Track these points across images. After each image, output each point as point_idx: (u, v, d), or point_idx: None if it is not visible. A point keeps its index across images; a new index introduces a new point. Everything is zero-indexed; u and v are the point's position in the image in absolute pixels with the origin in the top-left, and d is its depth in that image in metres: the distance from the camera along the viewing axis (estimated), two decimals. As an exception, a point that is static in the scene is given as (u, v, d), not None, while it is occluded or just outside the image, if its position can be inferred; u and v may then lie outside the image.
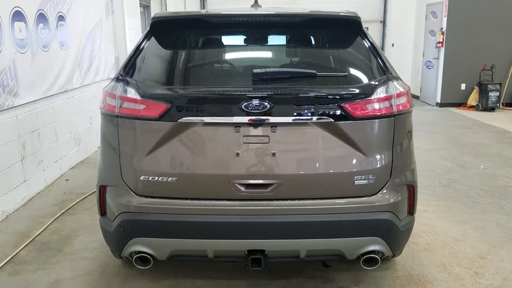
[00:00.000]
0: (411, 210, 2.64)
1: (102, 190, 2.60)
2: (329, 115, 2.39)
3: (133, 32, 7.61)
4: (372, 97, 2.42)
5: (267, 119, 2.37)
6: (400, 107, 2.47)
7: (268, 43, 3.02)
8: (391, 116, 2.45)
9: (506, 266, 3.25)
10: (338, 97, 2.41)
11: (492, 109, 9.83)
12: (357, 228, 2.48)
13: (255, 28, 2.90)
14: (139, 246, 2.52)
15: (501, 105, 9.95)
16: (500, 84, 9.82)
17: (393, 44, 13.54)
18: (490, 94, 9.70)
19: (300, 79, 2.59)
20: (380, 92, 2.44)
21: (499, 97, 9.77)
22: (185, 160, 2.46)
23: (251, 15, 2.83)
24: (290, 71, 2.71)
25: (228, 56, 2.99)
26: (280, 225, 2.45)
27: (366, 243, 2.51)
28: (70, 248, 3.53)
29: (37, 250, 3.50)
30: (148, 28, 2.80)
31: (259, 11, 2.96)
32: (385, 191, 2.51)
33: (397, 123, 2.48)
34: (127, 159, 2.49)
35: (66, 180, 5.14)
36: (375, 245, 2.52)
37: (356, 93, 2.44)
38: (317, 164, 2.46)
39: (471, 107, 10.08)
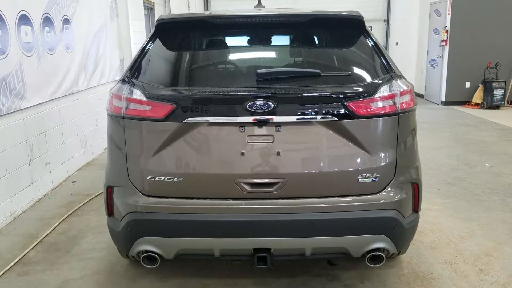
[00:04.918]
0: (416, 208, 2.64)
1: (109, 190, 2.63)
2: (333, 114, 2.41)
3: (138, 34, 7.65)
4: (376, 96, 2.44)
5: (272, 119, 2.39)
6: (404, 105, 2.48)
7: (272, 43, 3.04)
8: (394, 114, 2.47)
9: (512, 263, 3.26)
10: (342, 96, 2.43)
11: (497, 107, 9.78)
12: (362, 226, 2.50)
13: (259, 28, 2.92)
14: (146, 245, 2.55)
15: (506, 103, 9.90)
16: (505, 82, 9.77)
17: (397, 43, 13.53)
18: (495, 92, 9.66)
19: (304, 79, 2.60)
20: (383, 91, 2.46)
21: (504, 95, 9.73)
22: (190, 160, 2.49)
23: (255, 16, 2.85)
24: (294, 70, 2.73)
25: (232, 56, 3.01)
26: (285, 223, 2.47)
27: (371, 240, 2.52)
28: (78, 248, 3.57)
29: (45, 251, 3.54)
30: (153, 30, 2.83)
31: (262, 12, 2.98)
32: (389, 189, 2.52)
33: (401, 121, 2.49)
34: (134, 160, 2.52)
35: (73, 182, 5.19)
36: (380, 243, 2.53)
37: (359, 92, 2.46)
38: (322, 162, 2.47)
39: (476, 105, 10.04)
